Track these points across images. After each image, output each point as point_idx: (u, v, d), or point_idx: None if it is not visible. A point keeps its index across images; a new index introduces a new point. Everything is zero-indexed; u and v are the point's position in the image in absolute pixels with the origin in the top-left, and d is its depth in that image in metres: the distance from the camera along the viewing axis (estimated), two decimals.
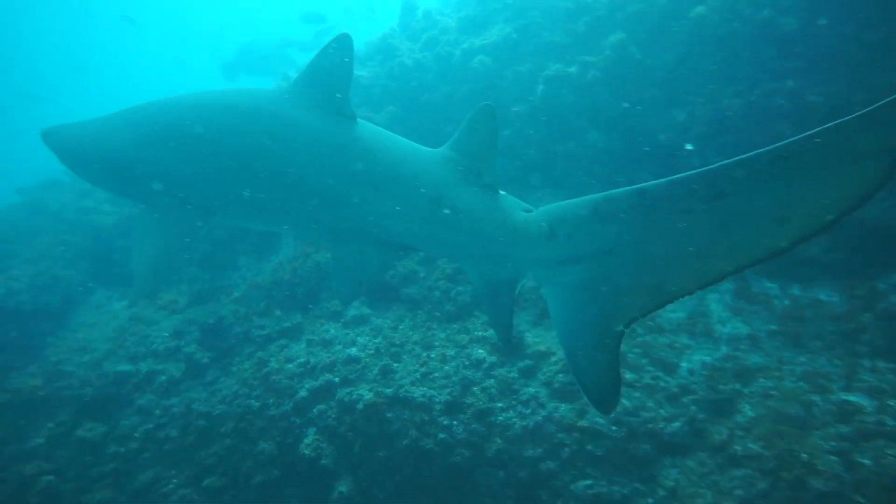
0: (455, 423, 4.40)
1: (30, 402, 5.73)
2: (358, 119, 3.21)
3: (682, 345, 4.48)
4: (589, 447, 4.00)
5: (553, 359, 4.53)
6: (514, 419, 4.30)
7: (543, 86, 5.77)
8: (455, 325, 5.17)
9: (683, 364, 4.33)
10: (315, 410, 4.80)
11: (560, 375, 4.39)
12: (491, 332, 4.94)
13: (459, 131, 3.03)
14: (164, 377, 5.70)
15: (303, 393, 4.93)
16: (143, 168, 3.46)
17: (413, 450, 4.38)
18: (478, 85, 6.13)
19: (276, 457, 4.74)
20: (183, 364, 5.80)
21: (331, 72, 3.15)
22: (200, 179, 3.39)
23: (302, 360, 5.25)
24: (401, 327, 5.36)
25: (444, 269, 5.47)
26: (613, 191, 2.42)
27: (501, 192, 3.00)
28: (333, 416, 4.74)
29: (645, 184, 2.31)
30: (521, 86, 6.05)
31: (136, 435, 5.23)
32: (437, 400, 4.51)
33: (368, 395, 4.62)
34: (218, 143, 3.26)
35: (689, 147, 5.09)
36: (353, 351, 5.18)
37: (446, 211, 2.93)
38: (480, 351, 4.77)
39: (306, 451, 4.59)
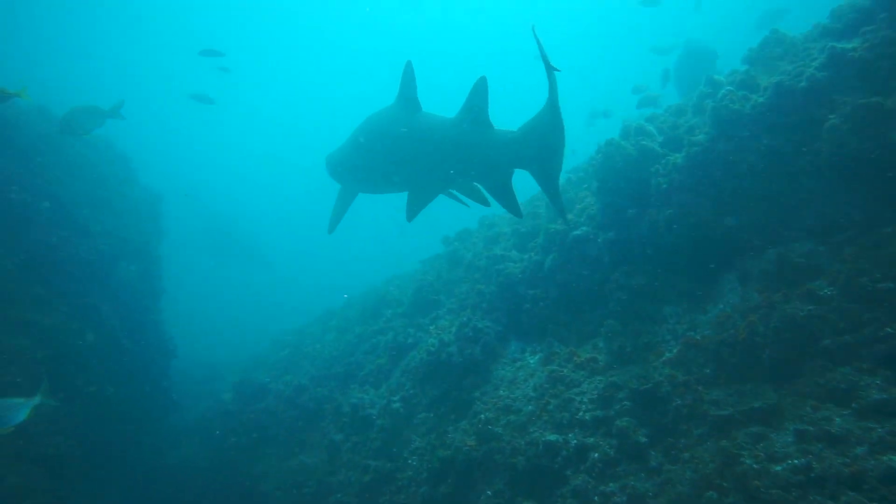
0: None
1: (467, 462, 5.71)
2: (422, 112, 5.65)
3: None
4: None
5: None
6: None
7: None
8: None
9: None
10: None
11: None
12: None
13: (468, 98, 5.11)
14: (596, 454, 4.86)
15: None
16: (343, 166, 6.60)
17: None
18: None
19: None
20: (615, 440, 4.86)
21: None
22: (368, 169, 6.30)
23: (796, 461, 3.60)
24: None
25: None
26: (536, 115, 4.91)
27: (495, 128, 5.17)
28: None
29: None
30: None
31: None
32: None
33: None
34: (374, 145, 6.00)
35: None
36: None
37: (468, 146, 5.27)
38: None
39: None
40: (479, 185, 5.68)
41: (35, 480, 6.66)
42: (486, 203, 5.75)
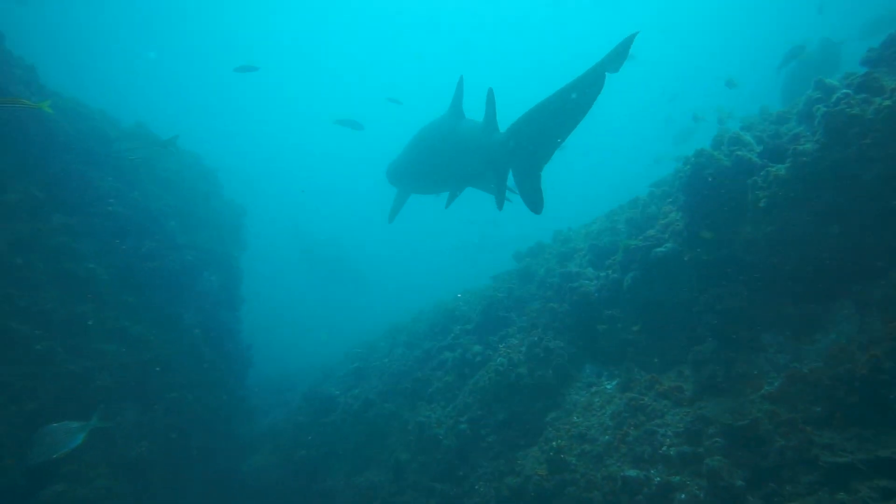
0: None
1: (539, 492, 5.36)
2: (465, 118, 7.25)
3: None
4: None
5: None
6: None
7: None
8: None
9: None
10: None
11: None
12: None
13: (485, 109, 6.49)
14: (683, 495, 4.39)
15: None
16: (398, 173, 8.49)
17: None
18: None
19: None
20: (705, 481, 4.37)
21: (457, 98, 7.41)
22: (417, 173, 8.09)
23: None
24: None
25: None
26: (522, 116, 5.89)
27: (500, 132, 6.40)
28: None
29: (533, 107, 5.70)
30: None
31: None
32: None
33: None
34: (418, 153, 7.90)
35: None
36: None
37: (480, 150, 6.60)
38: None
39: None
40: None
41: (121, 484, 6.95)
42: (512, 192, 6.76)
